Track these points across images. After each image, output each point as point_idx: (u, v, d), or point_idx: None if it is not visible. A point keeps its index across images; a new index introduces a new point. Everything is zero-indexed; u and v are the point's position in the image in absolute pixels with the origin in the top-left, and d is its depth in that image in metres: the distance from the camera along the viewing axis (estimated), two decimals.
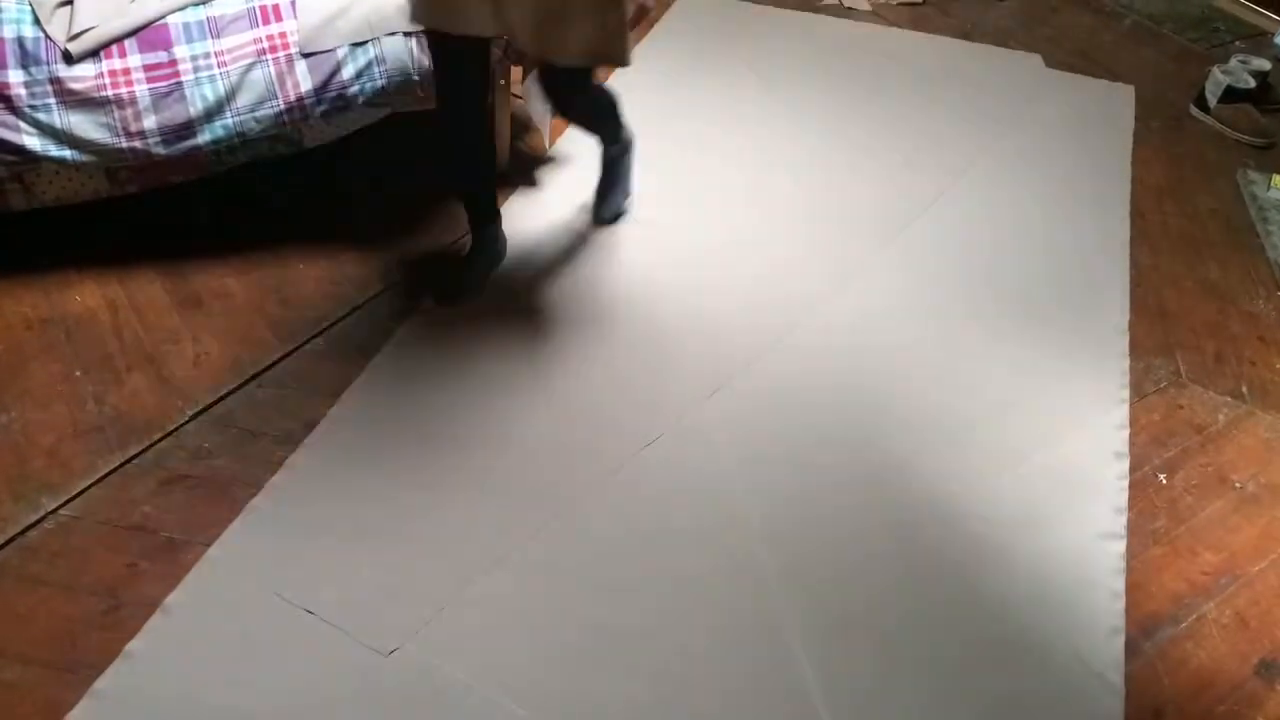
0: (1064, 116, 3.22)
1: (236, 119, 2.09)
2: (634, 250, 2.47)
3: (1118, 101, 3.36)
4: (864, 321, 2.34)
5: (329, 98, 2.16)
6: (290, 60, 2.11)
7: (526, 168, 2.69)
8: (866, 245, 2.57)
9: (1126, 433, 2.13)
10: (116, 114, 1.99)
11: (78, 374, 1.98)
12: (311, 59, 2.12)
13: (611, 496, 1.89)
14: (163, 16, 2.05)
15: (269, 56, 2.10)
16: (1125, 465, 2.06)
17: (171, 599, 1.62)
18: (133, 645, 1.55)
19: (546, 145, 2.66)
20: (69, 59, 1.96)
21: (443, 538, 1.77)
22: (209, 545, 1.70)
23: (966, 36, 3.64)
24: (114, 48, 2.00)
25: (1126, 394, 2.23)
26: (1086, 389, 2.23)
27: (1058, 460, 2.05)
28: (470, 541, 1.77)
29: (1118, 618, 1.78)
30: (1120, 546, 1.90)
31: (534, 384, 2.09)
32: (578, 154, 2.76)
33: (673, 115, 2.99)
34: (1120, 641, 1.74)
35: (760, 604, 1.74)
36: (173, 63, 2.03)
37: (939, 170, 2.88)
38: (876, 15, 3.74)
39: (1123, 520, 1.95)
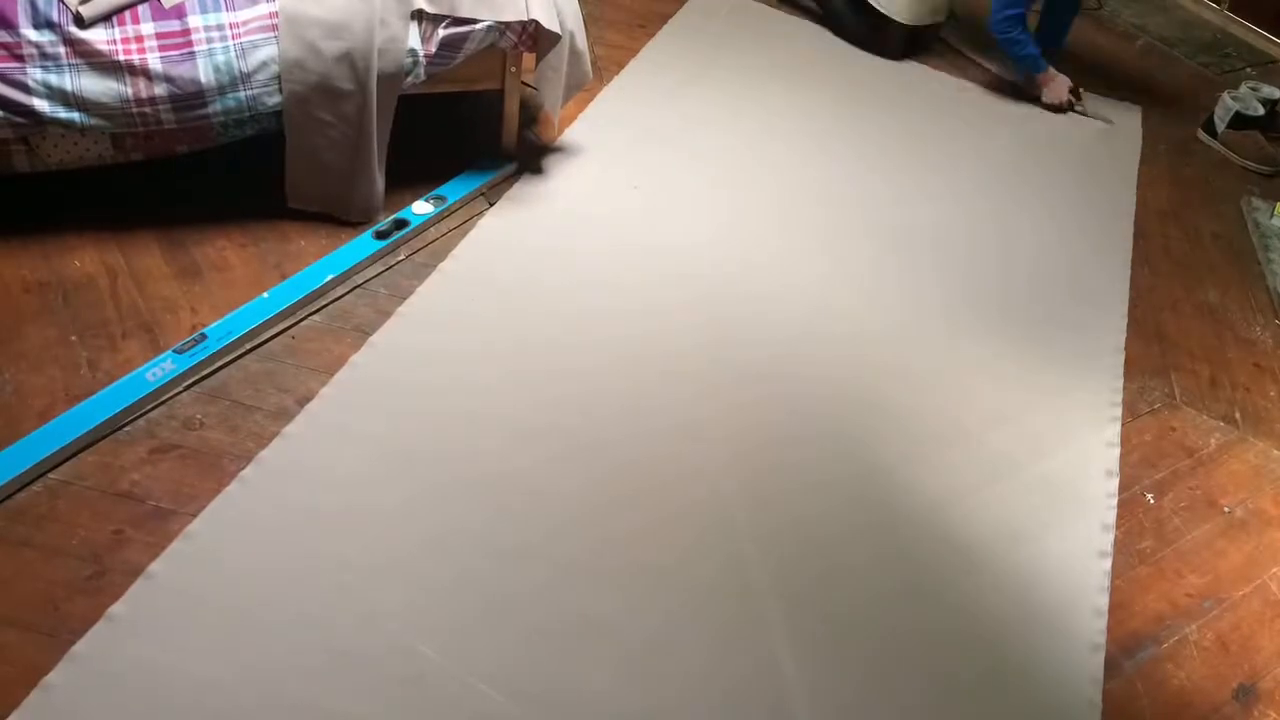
0: (1069, 133, 3.23)
1: (248, 93, 2.09)
2: (629, 239, 2.47)
3: (1125, 121, 3.36)
4: (856, 327, 2.35)
5: None
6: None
7: (534, 155, 2.68)
8: (862, 251, 2.57)
9: (1118, 450, 2.14)
10: (128, 80, 1.99)
11: (73, 338, 1.97)
12: None
13: (599, 487, 1.89)
14: None
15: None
16: (1115, 483, 2.07)
17: (155, 567, 1.61)
18: (114, 610, 1.55)
19: (555, 134, 2.65)
20: (81, 23, 1.96)
21: (429, 523, 1.77)
22: (196, 515, 1.70)
23: (978, 48, 3.64)
24: (127, 14, 2.00)
25: (1119, 412, 2.23)
26: (1080, 405, 2.24)
27: (1047, 475, 2.06)
28: (457, 527, 1.77)
29: (1099, 635, 1.79)
30: (1106, 564, 1.90)
31: (526, 370, 2.09)
32: (584, 145, 2.76)
33: (671, 109, 2.99)
34: (1100, 659, 1.75)
35: (744, 603, 1.74)
36: (186, 32, 2.03)
37: (939, 179, 2.89)
38: None
39: (1110, 538, 1.95)
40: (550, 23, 2.31)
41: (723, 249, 2.51)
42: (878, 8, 3.35)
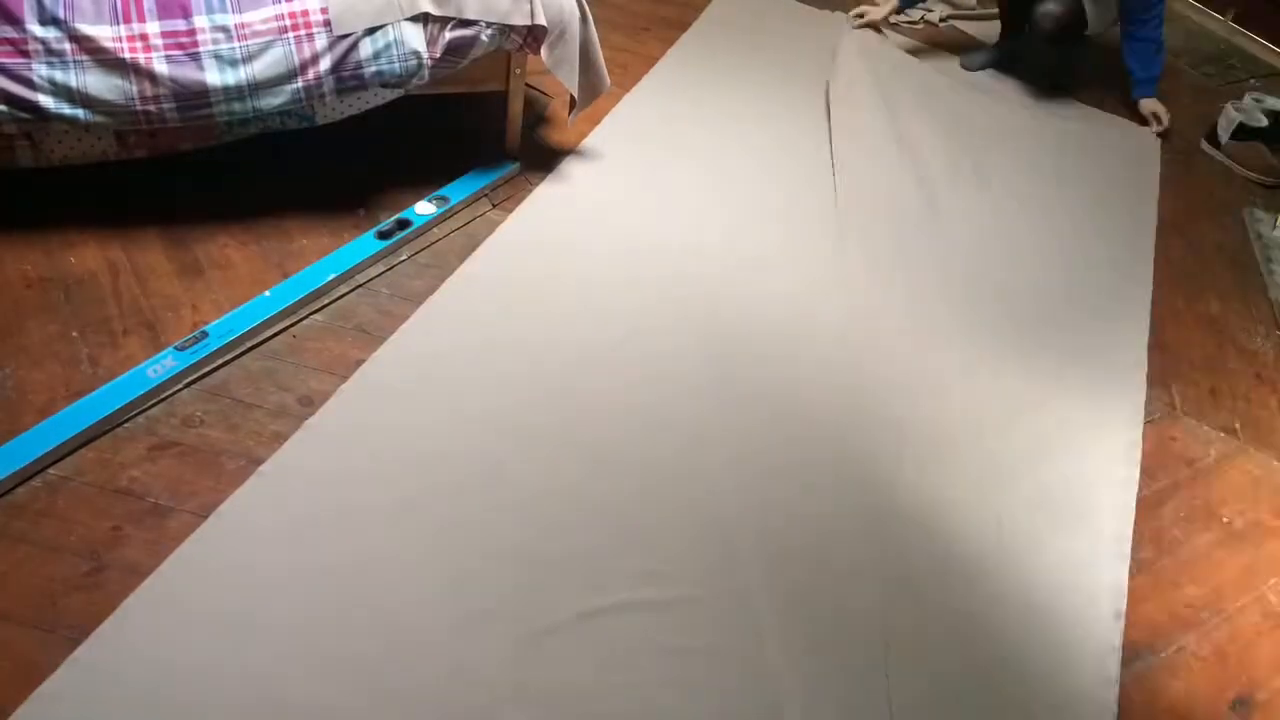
0: (1086, 140, 3.22)
1: (252, 92, 2.09)
2: (636, 244, 2.47)
3: (1143, 133, 3.38)
4: (865, 335, 2.35)
5: (345, 77, 2.16)
6: (311, 38, 2.10)
7: (540, 157, 2.68)
8: (879, 254, 2.57)
9: (1138, 452, 2.14)
10: (133, 78, 1.99)
11: (74, 334, 1.97)
12: (330, 38, 2.12)
13: (601, 487, 1.89)
14: None
15: (290, 34, 2.09)
16: (1134, 491, 2.07)
17: (160, 569, 1.60)
18: (116, 611, 1.54)
19: (568, 119, 2.61)
20: (86, 19, 1.96)
21: (435, 530, 1.76)
22: (195, 513, 1.70)
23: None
24: (133, 12, 2.00)
25: (1141, 415, 2.23)
26: (1103, 408, 2.24)
27: (1064, 478, 2.06)
28: (459, 529, 1.77)
29: (1117, 636, 1.79)
30: (1124, 568, 1.90)
31: (531, 375, 2.09)
32: (598, 149, 2.76)
33: (687, 118, 2.99)
34: (1117, 660, 1.75)
35: (742, 609, 1.74)
36: (191, 31, 2.03)
37: (954, 183, 2.88)
38: (897, 26, 3.74)
39: (1127, 545, 1.95)
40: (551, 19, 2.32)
41: (731, 256, 2.50)
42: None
